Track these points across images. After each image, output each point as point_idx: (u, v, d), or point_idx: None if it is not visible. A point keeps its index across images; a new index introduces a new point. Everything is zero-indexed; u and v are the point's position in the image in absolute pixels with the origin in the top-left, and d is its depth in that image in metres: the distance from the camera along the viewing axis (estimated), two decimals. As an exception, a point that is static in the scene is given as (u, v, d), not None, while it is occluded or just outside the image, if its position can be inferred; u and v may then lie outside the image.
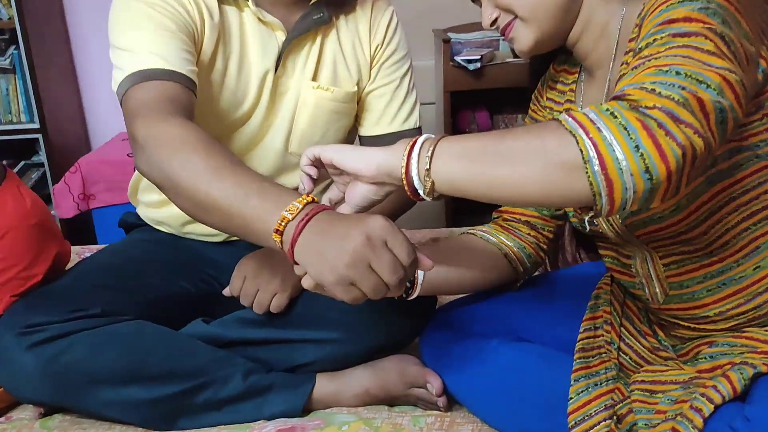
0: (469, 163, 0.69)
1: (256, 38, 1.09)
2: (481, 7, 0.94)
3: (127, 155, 2.33)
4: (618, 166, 0.63)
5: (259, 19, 1.08)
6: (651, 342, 0.96)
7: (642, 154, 0.62)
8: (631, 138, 0.63)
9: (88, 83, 2.68)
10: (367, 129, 1.22)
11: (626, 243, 0.93)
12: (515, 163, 0.67)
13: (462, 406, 1.03)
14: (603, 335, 0.98)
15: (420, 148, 0.72)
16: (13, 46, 2.34)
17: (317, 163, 0.82)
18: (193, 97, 0.97)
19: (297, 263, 0.73)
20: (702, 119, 0.65)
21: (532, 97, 1.09)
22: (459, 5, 1.23)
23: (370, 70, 1.19)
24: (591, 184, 0.64)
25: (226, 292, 1.09)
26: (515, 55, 1.00)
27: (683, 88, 0.65)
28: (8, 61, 2.34)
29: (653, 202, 0.66)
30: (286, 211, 0.72)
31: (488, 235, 1.06)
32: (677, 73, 0.66)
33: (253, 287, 1.05)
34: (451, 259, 1.00)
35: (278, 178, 1.18)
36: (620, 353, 0.96)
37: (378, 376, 1.05)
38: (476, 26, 2.35)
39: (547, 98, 1.05)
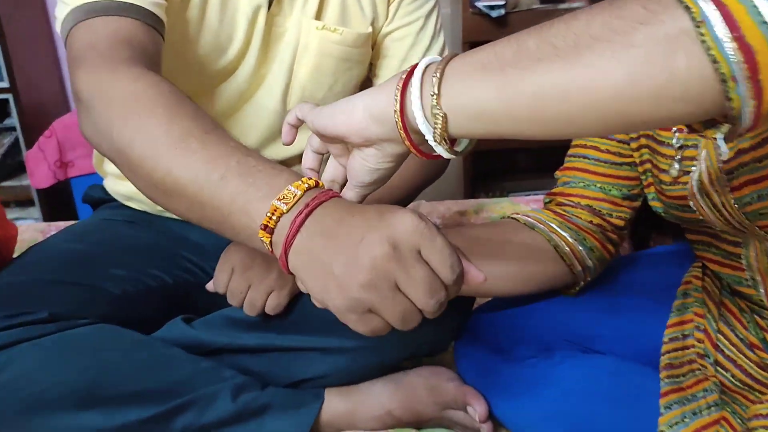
0: (503, 71, 0.45)
1: (244, -36, 0.87)
2: None
3: (108, 117, 2.10)
4: (761, 20, 0.36)
5: (247, -63, 0.86)
6: (760, 355, 0.74)
7: None
8: None
9: (64, 38, 2.42)
10: (384, 81, 0.99)
11: (737, 231, 0.70)
12: (584, 53, 0.41)
13: (509, 432, 0.82)
14: (695, 345, 0.76)
15: (423, 73, 0.49)
16: (-23, -5, 2.09)
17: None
18: (159, 39, 0.76)
19: (293, 274, 0.52)
20: None
21: None
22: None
23: (388, 6, 0.97)
24: (717, 62, 0.37)
25: (210, 287, 0.88)
26: (543, 1, 0.75)
27: None
28: (-29, 11, 2.08)
29: None
30: (279, 199, 0.51)
31: (536, 221, 0.82)
32: None
33: (242, 283, 0.84)
34: (484, 256, 0.78)
35: (274, 144, 0.97)
36: (718, 369, 0.75)
37: (403, 394, 0.85)
38: None
39: None
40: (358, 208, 0.51)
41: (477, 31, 2.04)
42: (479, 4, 2.00)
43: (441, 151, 0.51)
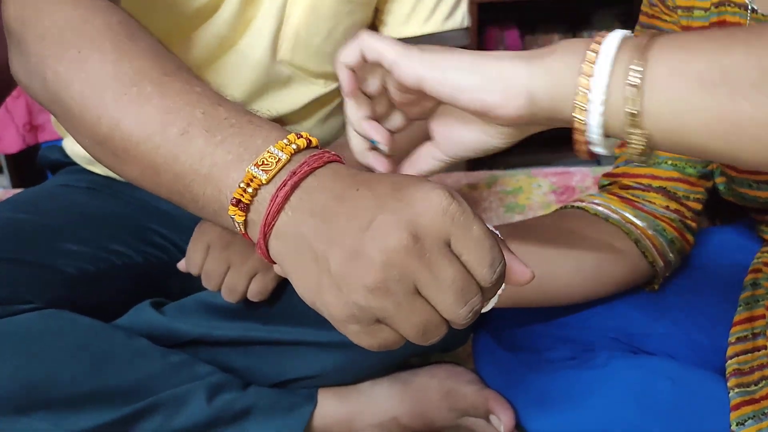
0: (731, 94, 0.36)
1: None
2: None
3: (83, 78, 1.98)
4: None
5: None
6: None
7: None
8: None
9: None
10: (392, 29, 0.88)
11: None
12: None
13: (540, 446, 0.70)
14: (767, 346, 0.64)
15: (613, 63, 0.38)
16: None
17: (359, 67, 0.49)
18: None
19: (275, 263, 0.42)
20: None
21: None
22: None
23: None
24: None
25: (182, 266, 0.77)
26: None
27: None
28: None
29: None
30: (257, 165, 0.40)
31: (609, 211, 0.69)
32: None
33: (220, 263, 0.73)
34: (548, 253, 0.66)
35: (261, 99, 0.84)
36: (795, 374, 0.63)
37: (413, 398, 0.76)
38: None
39: None
40: (366, 178, 0.39)
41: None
42: (488, -39, 1.87)
43: (600, 139, 0.40)
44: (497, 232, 0.40)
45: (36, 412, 0.67)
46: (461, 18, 0.88)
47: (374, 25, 0.90)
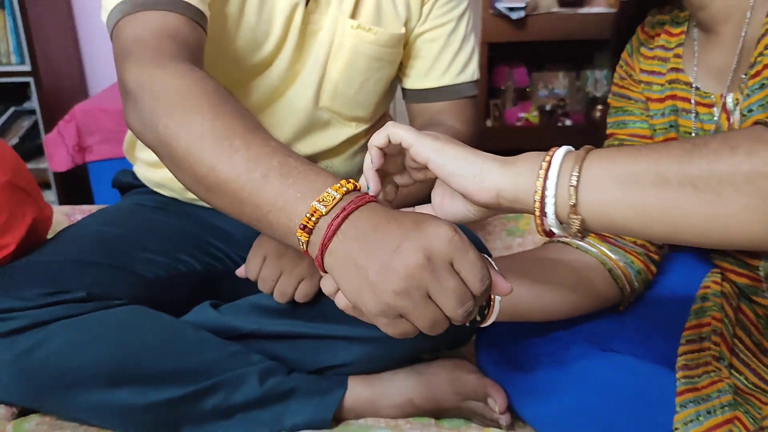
0: (637, 195, 0.49)
1: (283, -39, 0.88)
2: None
3: (128, 104, 2.12)
4: None
5: (288, -65, 0.87)
6: (775, 361, 0.77)
7: None
8: None
9: (85, 21, 2.43)
10: (414, 81, 1.02)
11: None
12: (716, 197, 0.47)
13: (527, 425, 0.84)
14: (711, 348, 0.78)
15: (558, 172, 0.52)
16: (2, -22, 2.11)
17: (384, 150, 0.60)
18: (202, 34, 0.78)
19: (327, 273, 0.54)
20: None
21: (618, 70, 0.88)
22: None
23: (422, 7, 0.98)
24: None
25: (240, 272, 0.90)
26: (562, 4, 0.77)
27: None
28: (-4, -6, 2.11)
29: None
30: (318, 201, 0.53)
31: (588, 246, 0.83)
32: None
33: (274, 270, 0.86)
34: (538, 277, 0.79)
35: (305, 138, 0.99)
36: (733, 372, 0.77)
37: (425, 384, 0.87)
38: None
39: (642, 71, 0.83)
40: (395, 214, 0.53)
41: (497, 33, 2.07)
42: (499, 6, 2.02)
43: (561, 233, 0.54)
44: (487, 257, 0.55)
45: (125, 386, 0.80)
46: (472, 72, 1.03)
47: (398, 77, 1.05)
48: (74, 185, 2.21)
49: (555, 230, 0.53)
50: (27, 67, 2.14)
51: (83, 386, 0.80)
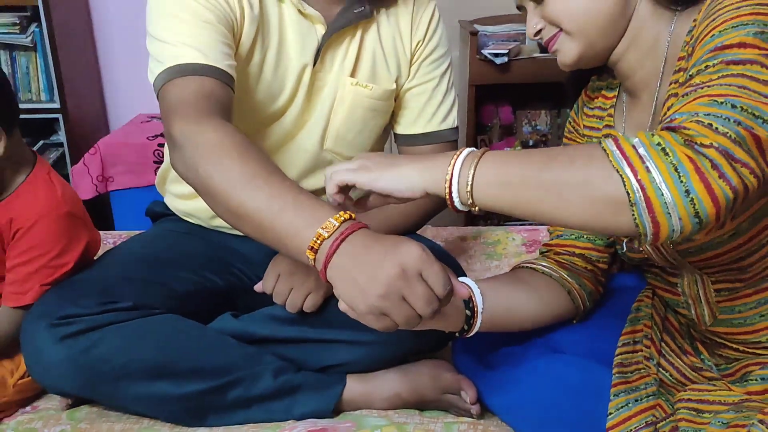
0: (509, 191, 0.69)
1: (295, 31, 1.07)
2: (525, 14, 0.91)
3: (147, 138, 2.31)
4: (666, 210, 0.62)
5: (300, 11, 1.06)
6: (692, 360, 0.94)
7: (692, 199, 0.61)
8: (682, 181, 0.61)
9: (108, 63, 2.65)
10: (403, 127, 1.20)
11: (673, 265, 0.91)
12: (557, 196, 0.67)
13: (494, 415, 1.01)
14: (642, 350, 0.96)
15: (459, 173, 0.71)
16: (35, 24, 2.31)
17: (345, 189, 0.79)
18: (231, 93, 0.95)
19: (329, 282, 0.71)
20: (758, 157, 0.64)
21: (568, 125, 1.06)
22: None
23: (410, 66, 1.17)
24: (637, 224, 0.63)
25: (258, 288, 1.07)
26: (542, 51, 0.96)
27: (739, 123, 0.63)
28: (29, 38, 2.31)
29: (699, 237, 0.67)
30: (322, 228, 0.70)
31: (551, 271, 1.00)
32: (733, 106, 0.64)
33: (286, 286, 1.03)
34: (512, 293, 0.96)
35: (312, 175, 1.16)
36: (660, 369, 0.94)
37: (411, 381, 1.04)
38: (503, 18, 2.32)
39: (585, 126, 1.02)
40: (379, 237, 0.70)
41: (483, 76, 2.25)
42: (485, 52, 2.22)
43: (463, 208, 0.73)
44: (450, 270, 0.70)
45: (162, 379, 0.96)
46: (452, 120, 1.20)
47: (391, 124, 1.21)
48: (96, 212, 2.36)
49: (461, 208, 0.73)
50: (56, 105, 2.33)
51: (129, 379, 0.97)
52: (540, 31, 0.89)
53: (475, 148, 0.73)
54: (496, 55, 2.19)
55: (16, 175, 1.05)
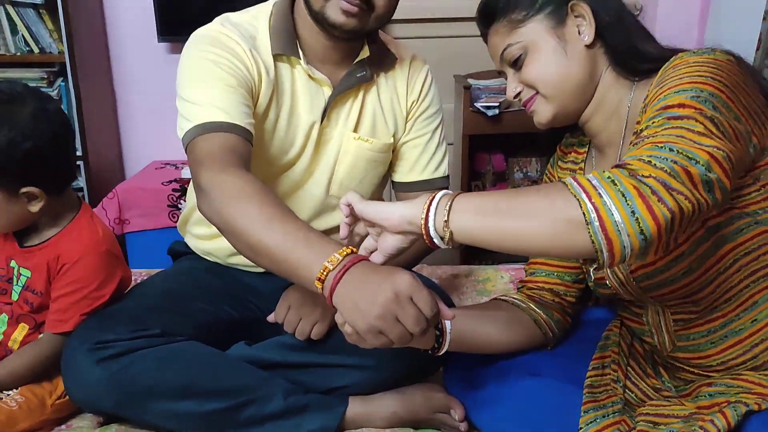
0: (483, 217, 0.77)
1: (305, 93, 1.21)
2: (506, 79, 1.06)
3: (161, 184, 2.46)
4: (616, 228, 0.72)
5: (309, 75, 1.20)
6: (654, 383, 1.06)
7: (637, 218, 0.72)
8: (628, 204, 0.73)
9: (125, 114, 2.82)
10: (400, 176, 1.33)
11: (637, 299, 1.04)
12: (525, 219, 0.75)
13: (480, 430, 1.12)
14: (610, 373, 1.07)
15: (438, 203, 0.80)
16: (60, 78, 2.49)
17: (353, 211, 0.90)
18: (250, 147, 1.08)
19: (335, 307, 0.82)
20: (691, 188, 0.75)
21: (545, 177, 1.20)
22: (478, 53, 1.34)
23: (406, 123, 1.30)
24: (593, 241, 0.73)
25: (271, 318, 1.19)
26: None
27: (675, 162, 0.75)
28: (56, 92, 2.48)
29: (649, 256, 0.76)
30: (328, 261, 0.82)
31: (520, 302, 1.13)
32: (670, 149, 0.77)
33: (296, 316, 1.15)
34: (479, 319, 1.08)
35: (319, 218, 1.29)
36: (626, 390, 1.06)
37: (406, 401, 1.15)
38: (494, 73, 2.37)
39: (559, 178, 1.15)
40: (377, 268, 0.82)
41: (476, 126, 2.39)
42: (477, 104, 2.38)
43: (443, 246, 0.82)
44: (436, 295, 0.82)
45: (186, 399, 1.07)
46: (444, 170, 1.33)
47: (389, 172, 1.34)
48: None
49: (436, 241, 0.80)
50: (79, 153, 2.49)
51: (157, 398, 1.08)
52: (519, 93, 1.04)
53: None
54: (488, 107, 2.35)
55: (59, 219, 1.18)
